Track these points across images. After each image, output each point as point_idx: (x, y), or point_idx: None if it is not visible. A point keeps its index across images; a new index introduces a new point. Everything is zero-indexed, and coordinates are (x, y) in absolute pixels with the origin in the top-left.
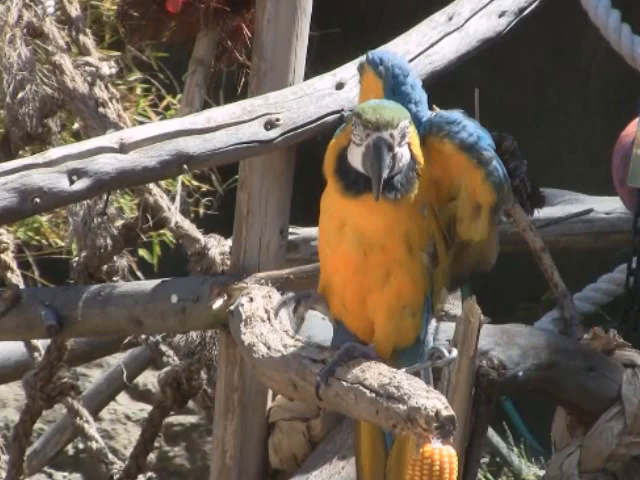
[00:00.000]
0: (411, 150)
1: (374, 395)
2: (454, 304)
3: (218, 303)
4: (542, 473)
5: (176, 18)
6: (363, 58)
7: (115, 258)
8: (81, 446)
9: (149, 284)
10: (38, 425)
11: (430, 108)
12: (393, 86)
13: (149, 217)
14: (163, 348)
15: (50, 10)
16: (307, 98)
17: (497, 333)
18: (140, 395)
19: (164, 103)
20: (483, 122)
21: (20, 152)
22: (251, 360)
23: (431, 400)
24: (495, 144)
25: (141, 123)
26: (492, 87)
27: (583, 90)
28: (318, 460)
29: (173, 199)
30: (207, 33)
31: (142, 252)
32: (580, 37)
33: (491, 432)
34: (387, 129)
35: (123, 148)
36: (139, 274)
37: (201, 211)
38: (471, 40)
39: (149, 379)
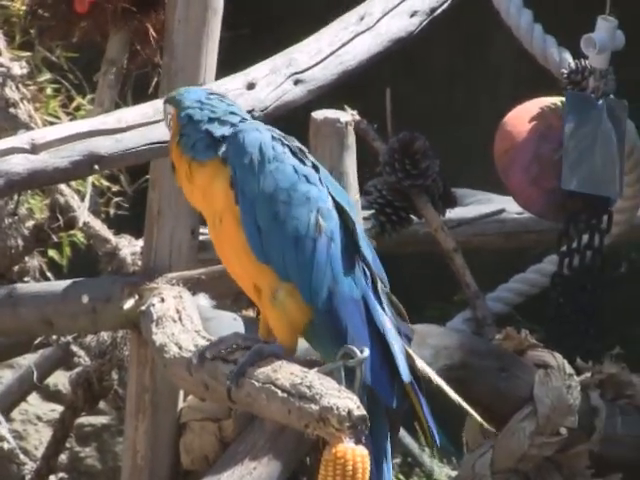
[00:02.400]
0: None
1: (286, 395)
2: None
3: (129, 303)
4: (454, 474)
5: (85, 18)
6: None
7: (26, 258)
8: None
9: (60, 284)
10: None
11: (342, 109)
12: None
13: (60, 217)
14: (74, 349)
15: None
16: None
17: None
18: (51, 396)
19: (74, 104)
20: (395, 122)
21: None
22: (162, 360)
23: (343, 400)
24: (407, 144)
25: (52, 124)
26: (403, 87)
27: (494, 90)
28: (229, 461)
29: (84, 199)
30: (117, 33)
31: (52, 253)
32: (491, 36)
33: (403, 432)
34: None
35: (34, 148)
36: (49, 275)
37: (112, 211)
38: (383, 40)
39: (60, 380)
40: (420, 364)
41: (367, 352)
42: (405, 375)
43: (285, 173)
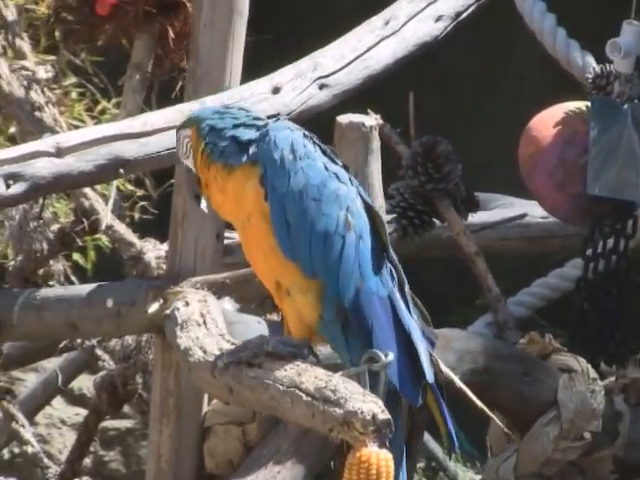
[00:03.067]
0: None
1: (310, 399)
2: None
3: (154, 307)
4: (478, 478)
5: (108, 21)
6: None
7: (51, 262)
8: (17, 450)
9: (85, 288)
10: None
11: (364, 113)
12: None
13: (84, 221)
14: (99, 352)
15: None
16: (243, 102)
17: None
18: (75, 399)
19: (99, 107)
20: (418, 126)
21: None
22: (187, 364)
23: (367, 404)
24: (429, 148)
25: (76, 127)
26: (426, 91)
27: (518, 94)
28: (253, 465)
29: (108, 203)
30: (141, 37)
31: (76, 256)
32: (515, 41)
33: (427, 437)
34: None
35: (59, 152)
36: (74, 278)
37: (136, 215)
38: (408, 44)
39: (85, 383)
40: (444, 368)
41: (392, 356)
42: (429, 376)
43: (316, 170)
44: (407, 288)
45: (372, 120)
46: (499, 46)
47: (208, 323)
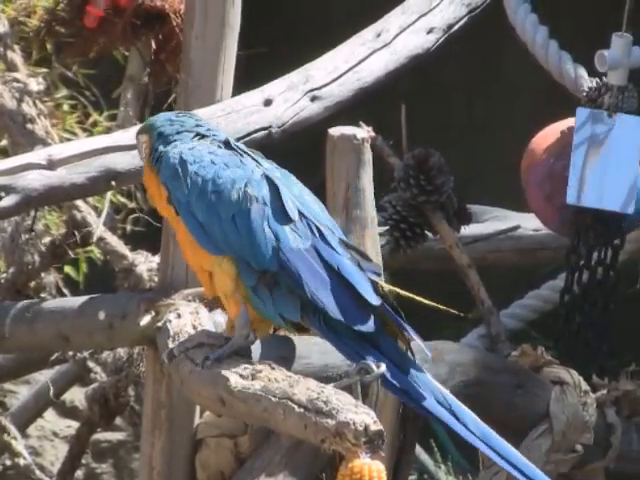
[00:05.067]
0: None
1: (303, 410)
2: None
3: (146, 319)
4: None
5: (99, 34)
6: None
7: (43, 274)
8: (8, 463)
9: (77, 301)
10: None
11: (357, 125)
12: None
13: (76, 233)
14: (90, 364)
15: None
16: (235, 114)
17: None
18: (67, 412)
19: (91, 120)
20: (410, 138)
21: None
22: (178, 376)
23: (360, 415)
24: (422, 160)
25: (68, 140)
26: (419, 103)
27: (510, 106)
28: (245, 477)
29: (101, 216)
30: (135, 49)
31: (68, 269)
32: (507, 52)
33: (419, 449)
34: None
35: (51, 164)
36: (65, 291)
37: (128, 228)
38: (399, 57)
39: (77, 396)
40: (386, 286)
41: (384, 367)
42: (372, 299)
43: (206, 169)
44: (332, 234)
45: (364, 132)
46: (490, 57)
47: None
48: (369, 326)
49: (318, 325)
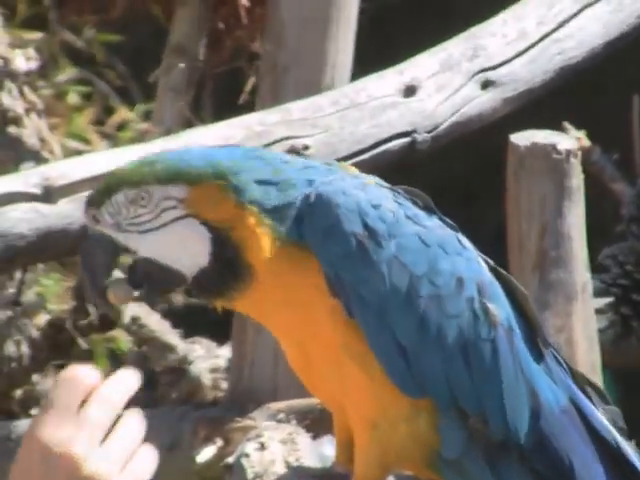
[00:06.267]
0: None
1: None
2: None
3: (207, 453)
4: None
5: None
6: None
7: (34, 378)
8: None
9: None
10: None
11: (559, 128)
12: None
13: (90, 309)
14: None
15: None
16: (355, 111)
17: None
18: None
19: (115, 118)
20: None
21: None
22: None
23: None
24: None
25: (77, 153)
26: None
27: None
28: None
29: None
30: (186, 5)
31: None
32: None
33: None
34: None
35: (48, 194)
36: None
37: (178, 299)
38: (628, 14)
39: None
40: None
41: None
42: None
43: (412, 249)
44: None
45: (571, 141)
46: None
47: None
48: None
49: None
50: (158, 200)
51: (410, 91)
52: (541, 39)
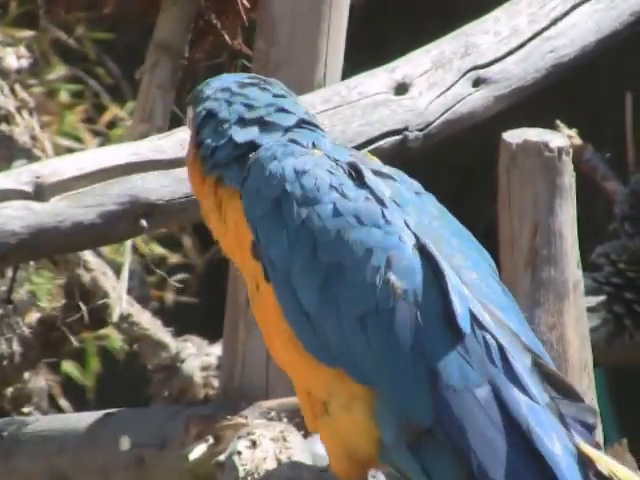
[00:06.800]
0: None
1: None
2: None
3: (198, 450)
4: None
5: None
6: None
7: (26, 375)
8: None
9: (82, 419)
10: None
11: (551, 126)
12: None
13: (82, 307)
14: None
15: None
16: (347, 109)
17: None
18: None
19: (106, 116)
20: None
21: None
22: None
23: None
24: None
25: (69, 150)
26: None
27: None
28: None
29: (121, 277)
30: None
31: (68, 366)
32: None
33: None
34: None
35: (40, 192)
36: (64, 402)
37: (169, 297)
38: (620, 12)
39: None
40: (610, 465)
41: None
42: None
43: (328, 216)
44: (524, 341)
45: (563, 139)
46: None
47: None
48: None
49: None
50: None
51: (402, 89)
52: (533, 37)
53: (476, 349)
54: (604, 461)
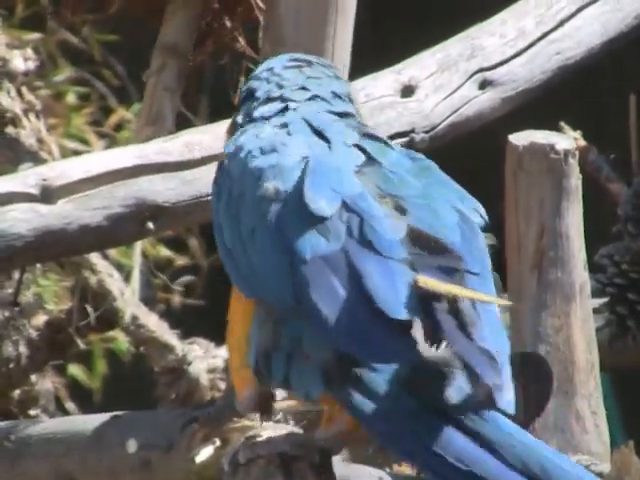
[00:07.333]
0: None
1: None
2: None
3: (205, 453)
4: None
5: None
6: None
7: (33, 378)
8: None
9: (89, 421)
10: None
11: (556, 128)
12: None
13: (89, 310)
14: None
15: None
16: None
17: None
18: None
19: (113, 119)
20: None
21: None
22: None
23: None
24: None
25: (76, 153)
26: None
27: None
28: None
29: (129, 279)
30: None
31: (75, 369)
32: None
33: None
34: None
35: (47, 194)
36: (70, 405)
37: (176, 299)
38: (626, 15)
39: None
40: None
41: None
42: (395, 309)
43: (239, 160)
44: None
45: (569, 141)
46: None
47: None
48: (404, 356)
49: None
50: None
51: (408, 91)
52: (539, 39)
53: (337, 224)
54: (443, 286)
